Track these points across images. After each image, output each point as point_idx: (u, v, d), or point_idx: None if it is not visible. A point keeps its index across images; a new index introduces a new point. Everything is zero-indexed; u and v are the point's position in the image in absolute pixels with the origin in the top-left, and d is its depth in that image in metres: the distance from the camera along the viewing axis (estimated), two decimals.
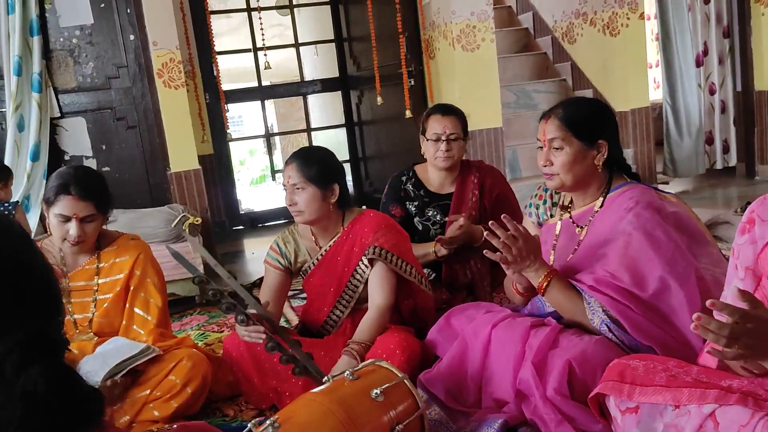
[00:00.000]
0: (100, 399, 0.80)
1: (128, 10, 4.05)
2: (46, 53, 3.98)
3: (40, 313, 0.78)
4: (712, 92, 5.58)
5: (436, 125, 2.78)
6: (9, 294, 0.75)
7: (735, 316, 1.15)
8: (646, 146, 5.35)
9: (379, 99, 4.84)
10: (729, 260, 1.45)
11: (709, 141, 5.65)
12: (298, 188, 2.24)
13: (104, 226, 2.26)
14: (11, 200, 3.49)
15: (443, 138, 2.75)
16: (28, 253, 0.81)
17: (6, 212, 3.24)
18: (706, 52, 5.54)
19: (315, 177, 2.24)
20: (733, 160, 5.69)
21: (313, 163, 2.26)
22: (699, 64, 5.51)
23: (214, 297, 1.91)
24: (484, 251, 1.87)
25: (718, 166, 5.68)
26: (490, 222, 1.87)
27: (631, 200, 1.89)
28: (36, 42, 3.88)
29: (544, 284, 1.87)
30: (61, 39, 4.03)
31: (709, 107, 5.59)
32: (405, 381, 1.74)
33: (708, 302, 1.16)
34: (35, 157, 3.92)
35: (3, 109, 3.98)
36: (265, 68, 5.23)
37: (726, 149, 5.68)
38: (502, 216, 1.85)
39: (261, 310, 2.07)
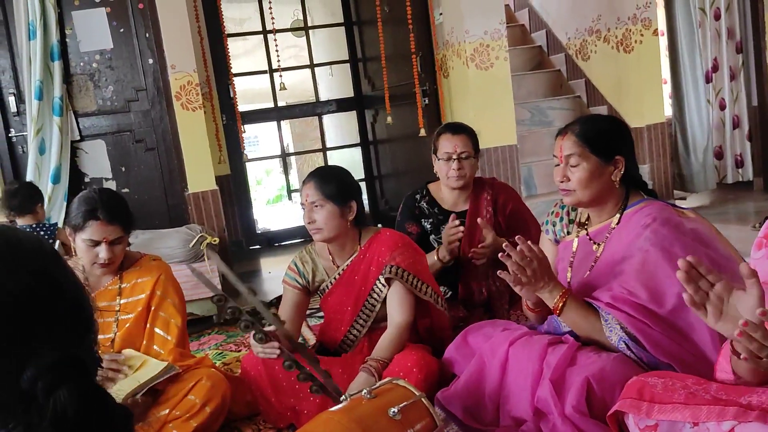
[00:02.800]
0: (129, 417, 0.81)
1: (147, 35, 4.12)
2: (67, 77, 4.06)
3: (71, 334, 0.78)
4: (722, 107, 5.58)
5: (447, 144, 2.79)
6: (40, 315, 0.76)
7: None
8: (662, 162, 5.33)
9: (389, 119, 4.87)
10: None
11: (719, 156, 5.64)
12: (316, 206, 2.26)
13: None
14: (46, 221, 3.53)
15: (454, 157, 2.77)
16: (59, 272, 0.81)
17: (48, 232, 3.28)
18: (716, 68, 5.54)
19: (333, 194, 2.26)
20: (748, 175, 5.66)
21: (331, 181, 2.29)
22: (708, 80, 5.50)
23: (232, 315, 1.92)
24: (498, 272, 1.87)
25: (729, 180, 5.66)
26: (504, 244, 1.87)
27: (648, 217, 1.89)
28: (57, 67, 3.96)
29: (560, 305, 1.87)
30: (82, 63, 4.11)
31: (718, 122, 5.58)
32: (422, 399, 1.74)
33: (758, 311, 1.18)
34: (56, 180, 3.99)
35: (24, 133, 4.05)
36: (281, 89, 5.29)
37: (740, 164, 5.65)
38: (516, 237, 1.85)
39: (280, 327, 2.08)
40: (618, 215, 1.98)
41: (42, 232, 3.26)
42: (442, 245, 2.69)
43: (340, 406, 1.71)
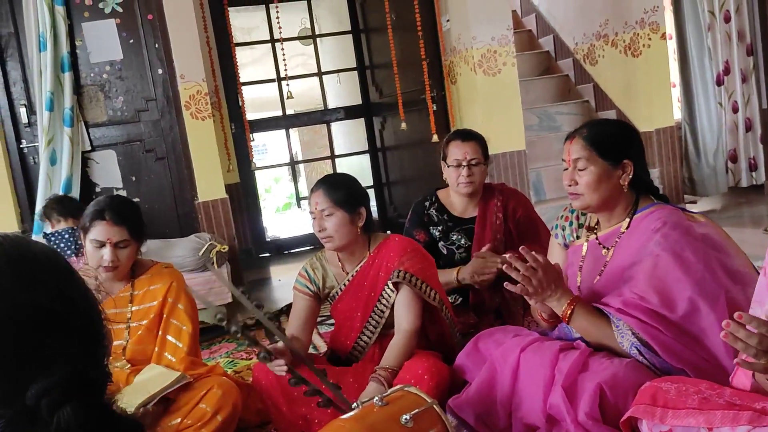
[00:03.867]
0: (139, 431, 0.80)
1: (156, 45, 4.15)
2: (77, 88, 4.09)
3: (81, 350, 0.77)
4: (735, 110, 5.55)
5: (457, 151, 2.79)
6: (52, 331, 0.75)
7: (763, 329, 1.16)
8: (672, 166, 5.31)
9: (403, 125, 4.89)
10: (758, 279, 1.44)
11: (733, 159, 5.60)
12: (326, 214, 2.26)
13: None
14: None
15: (464, 164, 2.76)
16: (72, 287, 0.80)
17: (76, 235, 3.31)
18: (727, 71, 5.51)
19: (342, 201, 2.26)
20: (761, 178, 5.62)
21: (340, 188, 2.29)
22: (720, 83, 5.48)
23: (235, 334, 1.90)
24: (504, 284, 1.86)
25: (744, 183, 5.62)
26: (508, 255, 1.86)
27: (658, 221, 1.88)
28: (67, 78, 3.99)
29: (568, 312, 1.86)
30: (92, 74, 4.14)
31: (732, 125, 5.55)
32: (434, 406, 1.73)
33: (735, 314, 1.18)
34: (67, 190, 4.01)
35: (36, 144, 4.08)
36: (287, 98, 5.31)
37: (753, 167, 5.62)
38: (520, 248, 1.85)
39: (286, 340, 2.07)
40: (628, 219, 1.97)
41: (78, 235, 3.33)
42: (466, 268, 2.68)
43: (351, 413, 1.71)
